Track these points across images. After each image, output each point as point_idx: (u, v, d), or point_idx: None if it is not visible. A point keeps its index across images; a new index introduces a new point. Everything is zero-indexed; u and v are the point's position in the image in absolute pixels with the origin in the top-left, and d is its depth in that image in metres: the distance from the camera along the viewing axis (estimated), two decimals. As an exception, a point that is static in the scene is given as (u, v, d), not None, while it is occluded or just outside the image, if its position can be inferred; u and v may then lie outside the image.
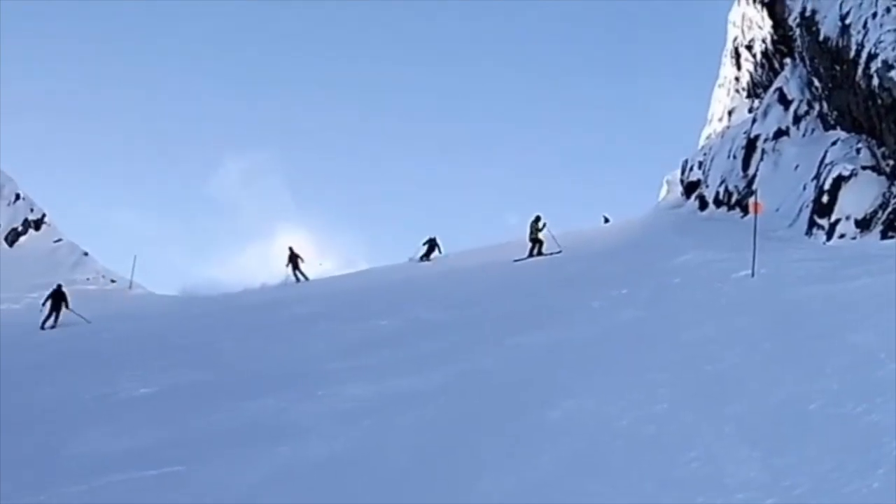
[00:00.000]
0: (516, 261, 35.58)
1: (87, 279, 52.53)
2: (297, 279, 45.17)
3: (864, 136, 29.71)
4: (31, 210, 60.20)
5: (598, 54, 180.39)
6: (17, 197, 60.33)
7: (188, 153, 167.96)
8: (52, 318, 36.21)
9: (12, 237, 58.22)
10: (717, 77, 54.77)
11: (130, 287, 50.92)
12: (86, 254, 57.22)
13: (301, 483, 11.45)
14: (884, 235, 26.51)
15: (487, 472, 10.92)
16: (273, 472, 11.95)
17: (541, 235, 36.84)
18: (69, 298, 37.18)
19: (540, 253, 36.36)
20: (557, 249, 35.72)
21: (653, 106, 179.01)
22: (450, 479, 10.90)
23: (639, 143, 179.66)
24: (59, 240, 58.83)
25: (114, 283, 52.78)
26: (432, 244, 45.70)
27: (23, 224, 59.11)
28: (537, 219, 37.27)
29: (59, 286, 38.10)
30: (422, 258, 44.93)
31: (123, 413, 16.61)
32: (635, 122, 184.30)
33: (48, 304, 36.86)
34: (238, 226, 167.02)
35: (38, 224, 59.76)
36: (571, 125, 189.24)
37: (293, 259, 45.85)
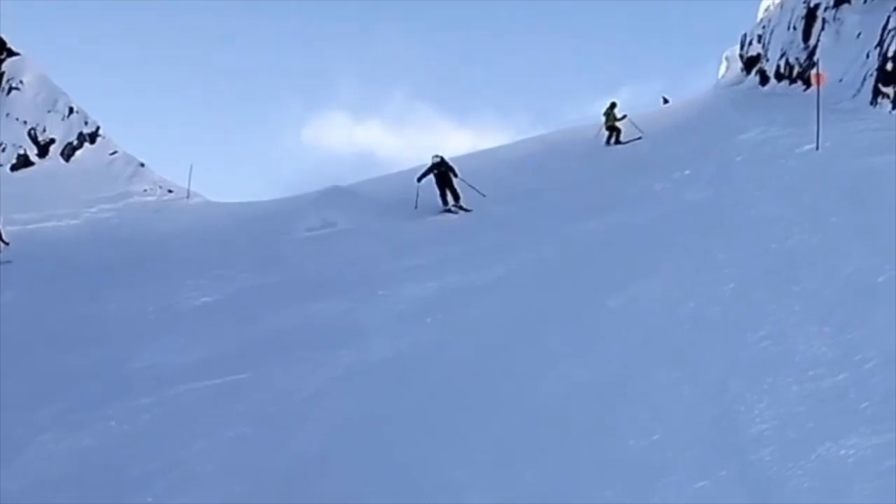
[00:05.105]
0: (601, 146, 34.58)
1: (145, 190, 52.73)
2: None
3: (928, -2, 28.72)
4: (86, 123, 60.22)
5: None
6: (71, 111, 60.45)
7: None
8: None
9: (69, 152, 58.43)
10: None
11: (188, 196, 51.06)
12: (142, 165, 57.35)
13: (366, 384, 11.47)
14: (951, 101, 25.74)
15: (556, 364, 10.83)
16: (338, 374, 11.97)
17: (619, 124, 35.61)
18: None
19: (618, 141, 35.08)
20: (637, 136, 34.23)
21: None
22: (516, 373, 10.83)
23: (696, 19, 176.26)
24: (115, 152, 58.87)
25: (171, 193, 52.90)
26: (444, 170, 26.37)
27: (78, 138, 59.23)
28: (612, 105, 35.64)
29: None
30: (445, 205, 26.15)
31: (186, 323, 16.68)
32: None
33: None
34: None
35: (93, 137, 59.83)
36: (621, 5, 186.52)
37: None
